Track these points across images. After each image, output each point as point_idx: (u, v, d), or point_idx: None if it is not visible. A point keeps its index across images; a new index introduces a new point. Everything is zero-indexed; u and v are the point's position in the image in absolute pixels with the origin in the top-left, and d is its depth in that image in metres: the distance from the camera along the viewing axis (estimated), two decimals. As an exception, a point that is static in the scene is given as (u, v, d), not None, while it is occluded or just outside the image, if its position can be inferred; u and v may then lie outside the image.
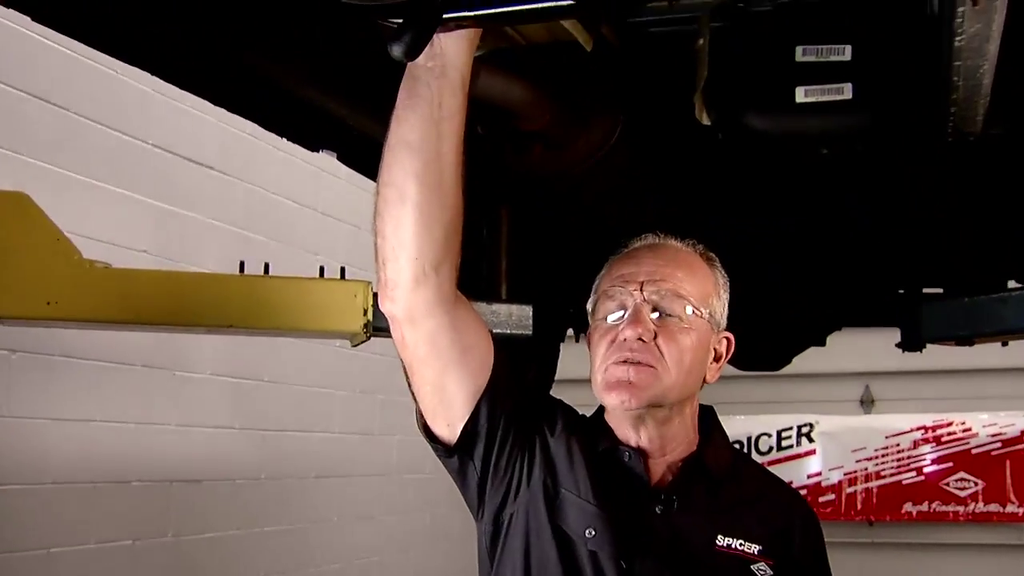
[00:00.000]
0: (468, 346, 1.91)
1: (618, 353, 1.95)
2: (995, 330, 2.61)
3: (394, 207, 1.78)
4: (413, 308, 1.85)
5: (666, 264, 2.02)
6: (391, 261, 1.82)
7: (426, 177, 1.76)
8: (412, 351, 1.90)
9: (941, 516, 7.27)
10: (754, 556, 1.97)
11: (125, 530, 4.28)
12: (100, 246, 3.89)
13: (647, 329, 1.95)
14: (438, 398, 1.93)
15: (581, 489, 1.96)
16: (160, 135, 4.53)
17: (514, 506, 1.99)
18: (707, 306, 2.02)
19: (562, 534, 1.94)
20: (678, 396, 1.99)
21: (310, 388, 5.54)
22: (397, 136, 1.77)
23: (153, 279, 2.58)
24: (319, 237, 5.56)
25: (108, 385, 4.23)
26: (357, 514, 5.92)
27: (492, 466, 1.98)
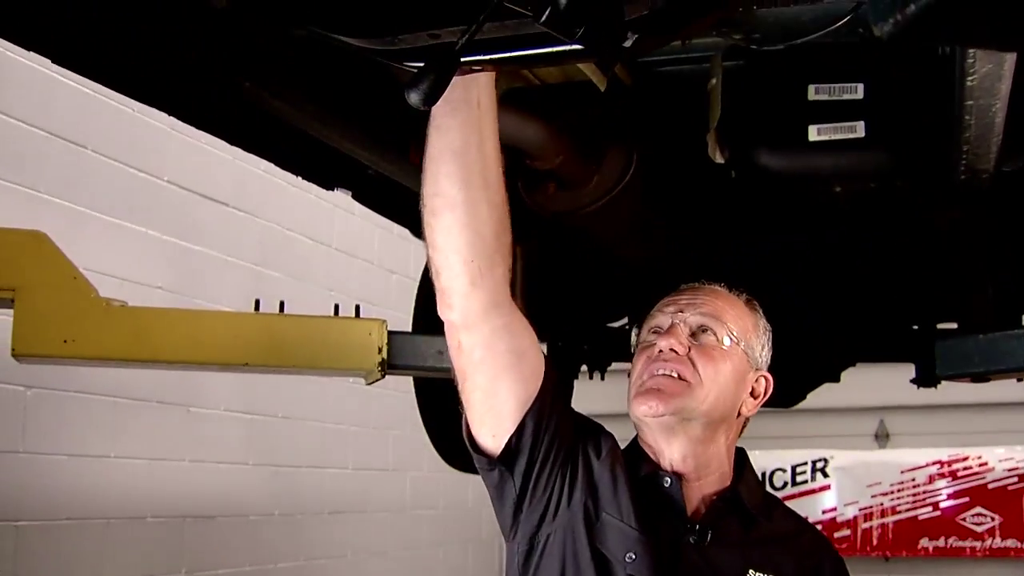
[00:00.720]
0: (522, 351, 1.92)
1: (652, 365, 1.99)
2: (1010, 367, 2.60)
3: (444, 216, 1.79)
4: (469, 312, 1.85)
5: (707, 295, 2.07)
6: (445, 269, 1.83)
7: (473, 179, 1.77)
8: (468, 355, 1.89)
9: (958, 552, 7.22)
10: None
11: (139, 567, 4.27)
12: (115, 282, 3.91)
13: (680, 342, 1.98)
14: (488, 405, 1.93)
15: (624, 513, 1.96)
16: (176, 172, 4.56)
17: (552, 526, 1.98)
18: (745, 339, 2.04)
19: (601, 557, 1.94)
20: (708, 413, 1.99)
21: (324, 424, 5.54)
22: (440, 145, 1.78)
23: (169, 318, 2.59)
24: (333, 274, 5.57)
25: (122, 421, 4.23)
26: (371, 550, 5.91)
27: (532, 483, 1.97)
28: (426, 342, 2.63)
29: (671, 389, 1.96)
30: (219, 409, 4.79)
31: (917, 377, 3.27)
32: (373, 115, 2.26)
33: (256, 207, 5.08)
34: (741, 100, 2.25)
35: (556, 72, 2.08)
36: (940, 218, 2.68)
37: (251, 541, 4.93)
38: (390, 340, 2.58)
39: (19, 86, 3.87)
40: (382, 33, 1.31)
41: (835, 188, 2.37)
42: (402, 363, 2.60)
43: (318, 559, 5.42)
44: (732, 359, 2.02)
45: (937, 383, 3.22)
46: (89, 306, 2.43)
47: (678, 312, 2.03)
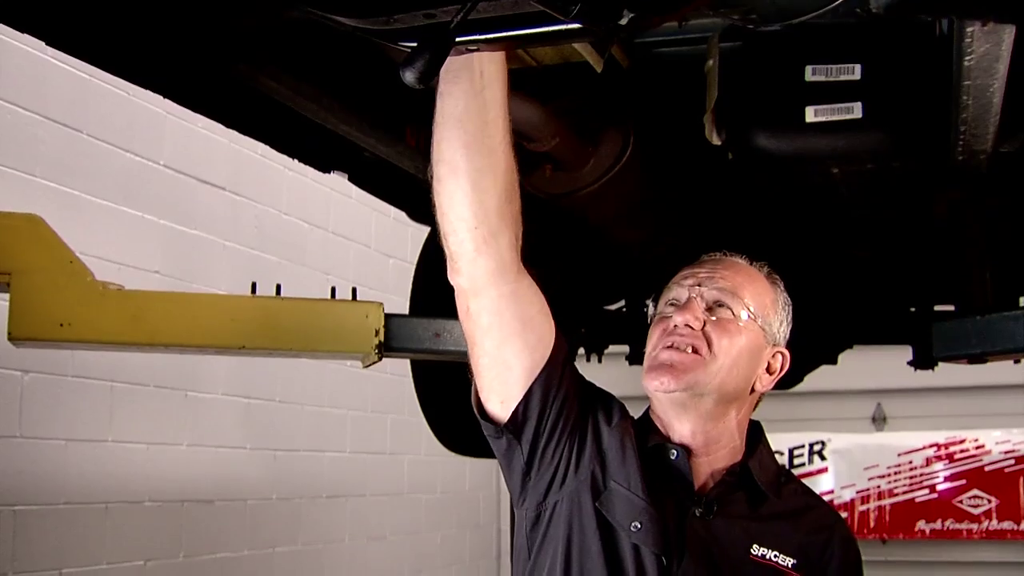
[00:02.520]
0: (529, 318, 1.92)
1: (666, 339, 1.99)
2: (1007, 348, 2.60)
3: (448, 181, 1.80)
4: (476, 278, 1.86)
5: (726, 268, 2.06)
6: (451, 234, 1.84)
7: (475, 147, 1.78)
8: (475, 321, 1.91)
9: (955, 534, 7.23)
10: (787, 569, 1.98)
11: (137, 551, 4.28)
12: (112, 266, 3.91)
13: (695, 316, 1.98)
14: (496, 371, 1.94)
15: (631, 483, 1.97)
16: (172, 156, 4.55)
17: (559, 494, 1.99)
18: (762, 315, 2.04)
19: (607, 525, 1.95)
20: (720, 388, 1.99)
21: (321, 408, 5.54)
22: (444, 111, 1.79)
23: (165, 301, 2.59)
24: (330, 258, 5.57)
25: (120, 406, 4.23)
26: (369, 534, 5.92)
27: (540, 451, 1.98)
28: (423, 325, 2.63)
29: (683, 364, 1.96)
30: (217, 393, 4.79)
31: (914, 359, 3.27)
32: (369, 97, 2.25)
33: (253, 191, 5.07)
34: (738, 81, 2.25)
35: (552, 54, 2.06)
36: (938, 200, 2.68)
37: (249, 525, 4.94)
38: (387, 323, 2.58)
39: (14, 70, 3.85)
40: (377, 13, 1.30)
41: (832, 169, 2.36)
42: (399, 346, 2.60)
43: (316, 543, 5.43)
44: (748, 334, 2.01)
45: (934, 365, 3.22)
46: (85, 289, 2.43)
47: (695, 285, 2.02)
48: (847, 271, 3.14)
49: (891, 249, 3.02)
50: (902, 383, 6.85)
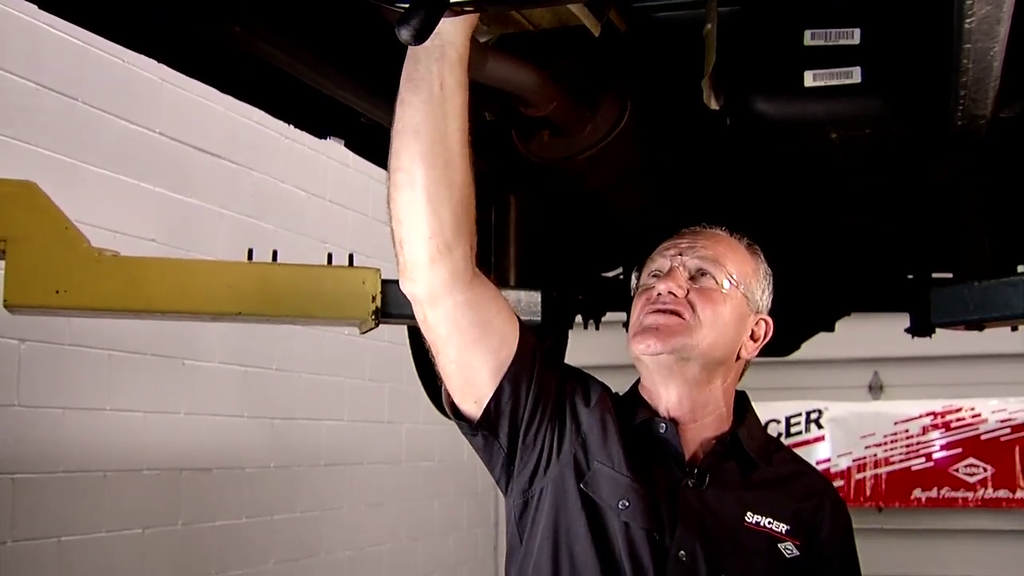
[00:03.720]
0: (486, 322, 1.93)
1: (649, 306, 2.01)
2: (1005, 314, 2.60)
3: (405, 191, 1.80)
4: (431, 288, 1.87)
5: (707, 238, 2.08)
6: (407, 243, 1.84)
7: (433, 159, 1.78)
8: (435, 330, 1.92)
9: (950, 502, 7.26)
10: (781, 535, 1.99)
11: (135, 519, 4.29)
12: (108, 235, 3.90)
13: (679, 285, 2.00)
14: (463, 376, 1.95)
15: (615, 461, 1.97)
16: (168, 124, 4.53)
17: (543, 480, 2.00)
18: (744, 283, 2.06)
19: (593, 505, 1.96)
20: (706, 354, 2.01)
21: (319, 376, 5.55)
22: (403, 121, 1.78)
23: (161, 267, 2.58)
24: (327, 225, 5.56)
25: (117, 374, 4.23)
26: (367, 502, 5.93)
27: (520, 443, 1.99)
28: (420, 291, 2.62)
29: (669, 328, 1.98)
30: (214, 362, 4.79)
31: (912, 326, 3.26)
32: (364, 61, 2.24)
33: (249, 159, 5.05)
34: (736, 45, 2.23)
35: (549, 17, 2.05)
36: (936, 166, 2.67)
37: (247, 493, 4.95)
38: (384, 289, 2.57)
39: (10, 38, 3.83)
40: (372, -28, 1.29)
41: (831, 135, 2.35)
42: (396, 312, 2.59)
43: (314, 511, 5.44)
44: (731, 302, 2.03)
45: (931, 332, 3.22)
46: (81, 256, 2.42)
47: (677, 255, 2.04)
48: (845, 238, 3.13)
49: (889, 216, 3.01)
50: (899, 352, 6.87)
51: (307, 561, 5.37)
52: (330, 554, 5.56)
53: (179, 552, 4.50)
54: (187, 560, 4.54)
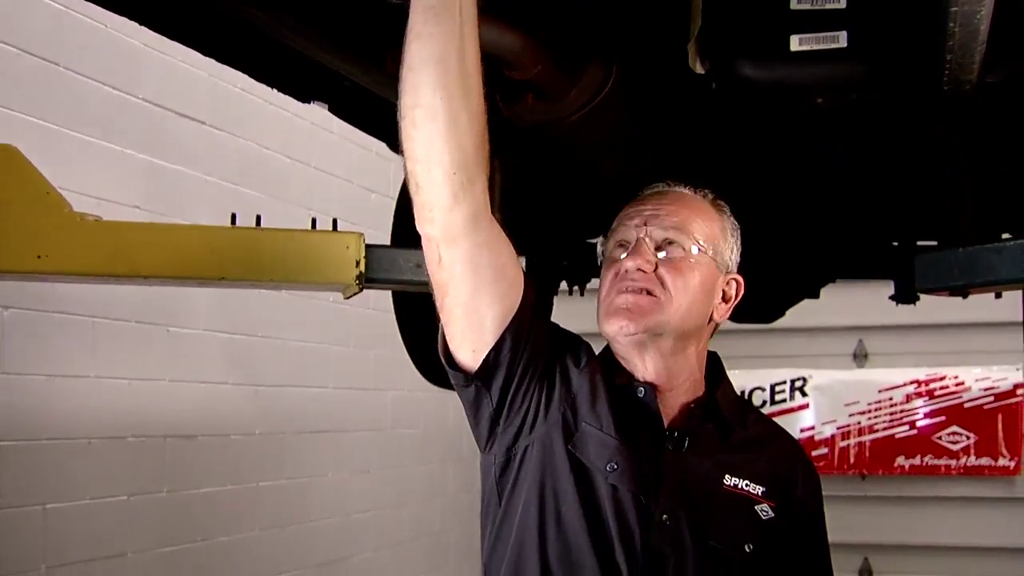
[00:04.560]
0: (502, 266, 1.92)
1: (619, 283, 2.00)
2: (989, 280, 2.61)
3: (424, 126, 1.77)
4: (451, 227, 1.85)
5: (671, 203, 2.07)
6: (426, 182, 1.82)
7: (454, 88, 1.76)
8: (448, 270, 1.89)
9: (933, 470, 7.30)
10: (758, 497, 2.02)
11: (120, 486, 4.29)
12: (91, 201, 3.88)
13: (647, 260, 1.99)
14: (469, 320, 1.93)
15: (603, 423, 1.98)
16: (151, 90, 4.50)
17: (529, 438, 1.99)
18: (712, 245, 2.05)
19: (581, 466, 1.96)
20: (679, 327, 2.01)
21: (305, 343, 5.54)
22: (421, 55, 1.76)
23: (144, 231, 2.56)
24: (312, 192, 5.54)
25: (102, 341, 4.22)
26: (352, 469, 5.94)
27: (509, 398, 1.98)
28: (404, 255, 2.61)
29: (640, 307, 1.98)
30: (199, 329, 4.78)
31: (896, 293, 3.27)
32: (348, 23, 2.22)
33: (233, 125, 5.02)
34: (722, 10, 2.22)
35: (535, -21, 2.04)
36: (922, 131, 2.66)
37: (232, 460, 4.95)
38: (368, 253, 2.56)
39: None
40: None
41: (816, 100, 2.34)
42: (380, 277, 2.59)
43: (299, 478, 5.45)
44: (700, 269, 2.03)
45: (916, 300, 3.23)
46: (63, 220, 2.40)
47: (643, 225, 2.03)
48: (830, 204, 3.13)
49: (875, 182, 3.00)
50: (884, 320, 6.89)
51: (292, 528, 5.38)
52: (316, 521, 5.57)
53: (164, 519, 4.50)
54: (172, 527, 4.54)
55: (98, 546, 4.13)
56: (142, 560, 4.34)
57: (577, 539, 1.94)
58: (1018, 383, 7.07)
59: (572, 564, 1.95)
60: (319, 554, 5.58)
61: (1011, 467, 7.17)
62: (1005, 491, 7.25)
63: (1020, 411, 7.14)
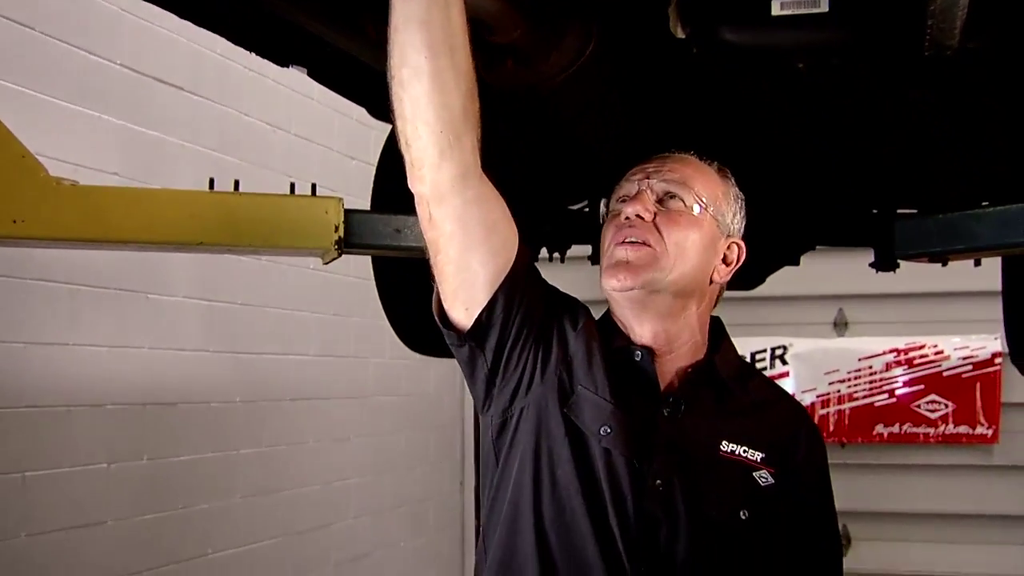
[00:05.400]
0: (493, 223, 1.93)
1: (619, 234, 2.01)
2: (968, 247, 2.62)
3: (411, 85, 1.79)
4: (440, 183, 1.86)
5: (675, 162, 2.08)
6: (415, 140, 1.83)
7: (439, 46, 1.77)
8: (439, 228, 1.90)
9: (912, 438, 7.34)
10: (756, 463, 2.01)
11: (100, 453, 4.27)
12: (69, 168, 3.84)
13: (646, 208, 2.00)
14: (461, 278, 1.94)
15: (598, 387, 1.98)
16: (129, 56, 4.45)
17: (525, 400, 2.00)
18: (714, 205, 2.06)
19: (575, 430, 1.96)
20: (677, 283, 2.01)
21: (285, 311, 5.52)
22: (405, 14, 1.77)
23: (121, 196, 2.54)
24: (292, 159, 5.51)
25: (81, 309, 4.20)
26: (332, 437, 5.94)
27: (504, 358, 1.99)
28: (384, 221, 2.60)
29: (639, 261, 1.98)
30: (179, 296, 4.75)
31: (876, 260, 3.27)
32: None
33: (213, 92, 4.98)
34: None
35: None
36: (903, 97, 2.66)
37: (213, 428, 4.94)
38: (347, 218, 2.56)
39: (-38, -37, 3.75)
40: None
41: (798, 64, 2.34)
42: (359, 242, 2.58)
43: (280, 445, 5.44)
44: (700, 225, 2.03)
45: (895, 267, 3.24)
46: (39, 185, 2.38)
47: (644, 179, 2.04)
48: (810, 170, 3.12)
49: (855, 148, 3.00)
50: (864, 289, 6.91)
51: (273, 495, 5.38)
52: (296, 489, 5.57)
53: (144, 487, 4.49)
54: (153, 494, 4.54)
55: (78, 514, 4.13)
56: (122, 528, 4.34)
57: (571, 502, 1.95)
58: (996, 352, 7.10)
59: (566, 526, 1.95)
60: (300, 521, 5.59)
61: (989, 435, 7.22)
62: (983, 459, 7.30)
63: (998, 380, 7.17)
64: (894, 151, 3.00)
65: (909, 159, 3.00)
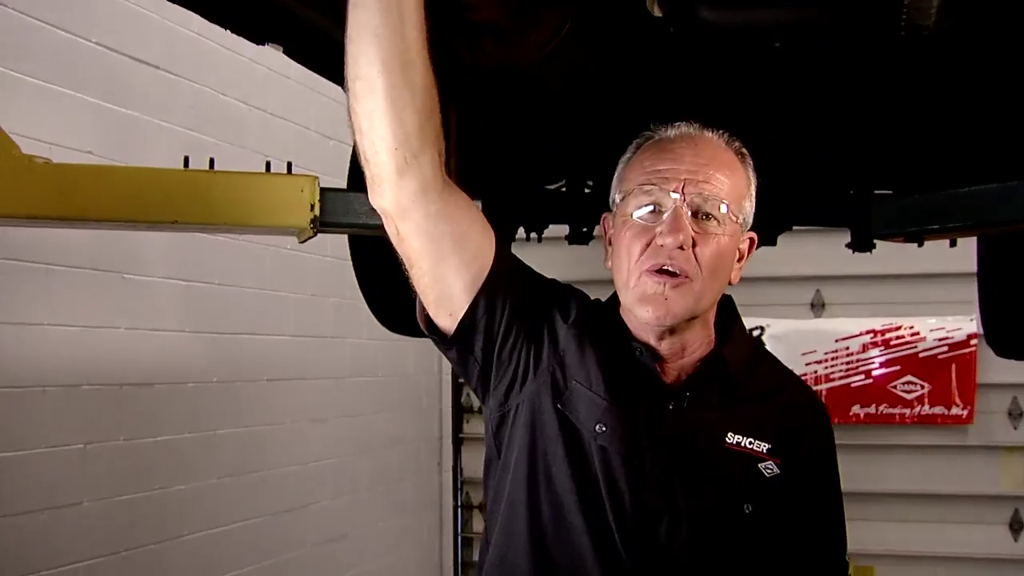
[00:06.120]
0: (461, 234, 1.90)
1: (654, 259, 1.91)
2: (944, 226, 2.63)
3: (365, 100, 1.77)
4: (400, 200, 1.84)
5: (708, 164, 1.96)
6: (372, 156, 1.81)
7: (393, 62, 1.74)
8: (408, 244, 1.89)
9: (888, 418, 7.38)
10: (762, 454, 1.97)
11: (76, 434, 4.25)
12: (43, 146, 3.81)
13: (688, 236, 1.90)
14: (438, 289, 1.92)
15: (593, 382, 1.94)
16: (104, 33, 4.42)
17: (519, 397, 1.97)
18: (739, 209, 1.98)
19: (570, 427, 1.93)
20: (707, 305, 1.97)
21: (262, 291, 5.50)
22: (358, 24, 1.74)
23: (94, 174, 2.52)
24: (268, 139, 5.48)
25: (56, 288, 4.17)
26: (310, 417, 5.93)
27: (495, 358, 1.96)
28: (359, 199, 2.58)
29: (678, 297, 1.90)
30: (155, 276, 4.73)
31: (853, 241, 3.28)
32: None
33: (189, 70, 4.95)
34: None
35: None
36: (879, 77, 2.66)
37: (189, 408, 4.92)
38: (323, 197, 2.54)
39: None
40: None
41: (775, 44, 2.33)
42: (335, 220, 2.56)
43: (257, 426, 5.43)
44: (731, 239, 1.96)
45: (872, 247, 3.24)
46: (11, 162, 2.36)
47: (680, 192, 1.91)
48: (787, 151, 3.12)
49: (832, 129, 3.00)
50: (841, 270, 6.95)
51: (250, 476, 5.37)
52: (274, 469, 5.56)
53: (121, 467, 4.47)
54: (129, 475, 4.52)
55: (54, 495, 4.11)
56: (99, 508, 4.32)
57: (567, 499, 1.93)
58: (972, 333, 7.13)
59: (562, 524, 1.93)
60: (277, 502, 5.58)
61: (963, 416, 7.26)
62: (957, 439, 7.35)
63: (973, 361, 7.21)
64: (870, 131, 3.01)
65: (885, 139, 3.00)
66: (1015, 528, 7.25)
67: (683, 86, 2.76)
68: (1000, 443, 7.28)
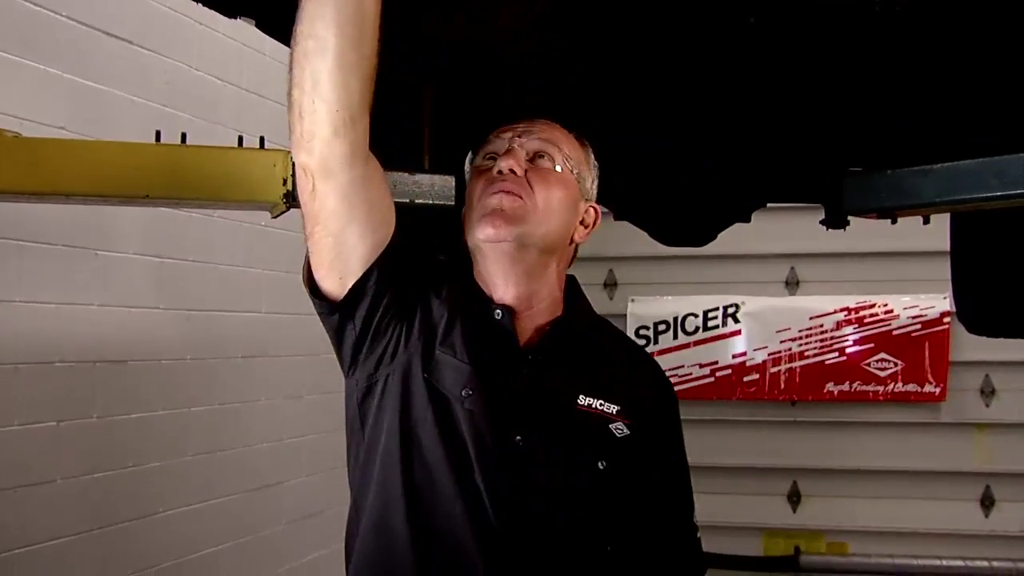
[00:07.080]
0: (375, 202, 1.98)
1: (491, 186, 2.06)
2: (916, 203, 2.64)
3: (314, 58, 1.80)
4: (329, 160, 1.88)
5: (544, 127, 2.16)
6: (309, 113, 1.85)
7: (348, 27, 1.78)
8: (321, 202, 1.94)
9: (861, 396, 7.43)
10: (612, 415, 2.07)
11: (49, 412, 4.23)
12: (13, 121, 3.78)
13: (519, 163, 2.06)
14: (337, 251, 1.99)
15: (457, 350, 2.03)
16: (76, 7, 4.37)
17: (390, 367, 2.05)
18: (578, 168, 2.15)
19: (438, 394, 2.01)
20: (545, 239, 2.08)
21: (236, 268, 5.48)
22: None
23: (65, 148, 2.50)
24: (242, 115, 5.44)
25: (29, 265, 4.14)
26: (284, 394, 5.92)
27: (373, 327, 2.04)
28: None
29: (513, 211, 2.04)
30: (129, 253, 4.70)
31: (826, 218, 3.28)
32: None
33: (162, 45, 4.91)
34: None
35: None
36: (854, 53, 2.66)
37: (164, 386, 4.91)
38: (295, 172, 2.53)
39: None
40: None
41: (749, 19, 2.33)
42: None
43: (232, 403, 5.42)
44: (566, 185, 2.11)
45: (845, 224, 3.25)
46: (-20, 136, 2.35)
47: (515, 137, 2.11)
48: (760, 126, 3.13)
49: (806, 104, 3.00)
50: (816, 248, 6.98)
51: (225, 453, 5.36)
52: (249, 446, 5.55)
53: (94, 445, 4.46)
54: (103, 452, 4.50)
55: (27, 472, 4.09)
56: (72, 486, 4.31)
57: (437, 464, 2.00)
58: (945, 311, 7.19)
59: (434, 488, 2.00)
60: (252, 479, 5.58)
61: (936, 393, 7.32)
62: (930, 416, 7.41)
63: (946, 339, 7.27)
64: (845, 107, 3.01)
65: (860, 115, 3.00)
66: (986, 504, 7.32)
67: (657, 62, 2.75)
68: (972, 420, 7.35)
